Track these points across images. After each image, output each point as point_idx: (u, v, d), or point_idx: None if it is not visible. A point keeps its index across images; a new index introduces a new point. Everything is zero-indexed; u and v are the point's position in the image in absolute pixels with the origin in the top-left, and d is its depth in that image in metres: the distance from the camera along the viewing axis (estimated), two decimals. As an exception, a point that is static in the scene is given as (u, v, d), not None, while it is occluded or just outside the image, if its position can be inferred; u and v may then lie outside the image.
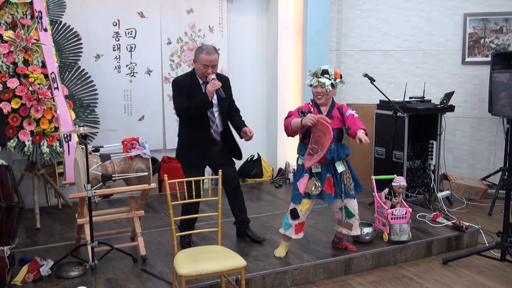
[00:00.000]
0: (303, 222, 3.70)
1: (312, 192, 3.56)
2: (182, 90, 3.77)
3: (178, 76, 4.04)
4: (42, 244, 4.09)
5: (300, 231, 3.70)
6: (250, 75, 6.40)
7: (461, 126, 6.22)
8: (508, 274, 3.80)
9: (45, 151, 4.36)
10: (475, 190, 5.60)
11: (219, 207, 3.14)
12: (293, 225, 3.68)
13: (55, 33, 4.76)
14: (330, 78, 3.53)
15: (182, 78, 3.91)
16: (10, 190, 3.25)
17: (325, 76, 3.53)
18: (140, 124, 5.72)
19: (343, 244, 3.89)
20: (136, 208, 3.83)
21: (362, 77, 5.12)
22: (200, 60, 3.70)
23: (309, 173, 3.58)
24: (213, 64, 3.71)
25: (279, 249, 3.79)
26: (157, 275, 3.43)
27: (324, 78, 3.52)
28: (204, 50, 3.70)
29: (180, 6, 5.80)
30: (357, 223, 3.77)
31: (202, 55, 3.69)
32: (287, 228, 3.71)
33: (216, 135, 3.87)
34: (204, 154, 3.84)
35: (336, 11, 6.34)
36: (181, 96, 3.76)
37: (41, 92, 4.30)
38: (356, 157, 6.34)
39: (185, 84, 3.80)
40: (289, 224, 3.70)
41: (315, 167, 3.56)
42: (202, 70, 3.72)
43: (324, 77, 3.53)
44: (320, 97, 3.56)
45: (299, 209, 3.63)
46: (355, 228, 3.75)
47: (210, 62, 3.69)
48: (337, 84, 3.57)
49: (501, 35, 5.99)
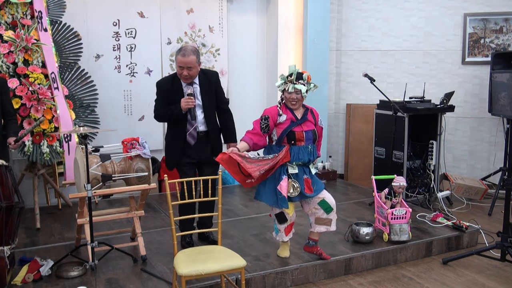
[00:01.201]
0: (292, 223, 3.69)
1: (292, 194, 3.50)
2: (162, 95, 3.80)
3: (161, 79, 3.99)
4: (42, 244, 4.09)
5: (289, 231, 3.70)
6: (250, 75, 6.40)
7: (461, 126, 6.22)
8: (508, 274, 3.80)
9: (45, 151, 4.37)
10: (475, 190, 5.60)
11: (219, 207, 3.13)
12: (281, 229, 3.66)
13: (55, 33, 4.76)
14: (304, 83, 3.48)
15: (164, 82, 3.88)
16: (10, 190, 3.25)
17: (300, 82, 3.45)
18: (140, 124, 5.72)
19: (318, 250, 3.71)
20: (136, 208, 3.83)
21: (362, 77, 5.12)
22: (176, 61, 3.72)
23: (287, 175, 3.52)
24: (188, 66, 3.66)
25: (281, 250, 3.78)
26: (157, 275, 3.43)
27: (300, 85, 3.45)
28: (181, 52, 3.68)
29: (180, 6, 5.80)
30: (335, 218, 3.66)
31: (178, 57, 3.69)
32: (277, 233, 3.70)
33: (191, 138, 3.81)
34: (179, 154, 3.81)
35: (336, 11, 6.34)
36: (159, 100, 3.82)
37: (41, 92, 4.30)
38: (356, 157, 6.36)
39: (166, 89, 3.80)
40: (278, 229, 3.68)
41: (292, 169, 3.52)
42: (179, 71, 3.72)
43: (299, 83, 3.45)
44: (294, 103, 3.51)
45: (286, 212, 3.60)
46: (334, 224, 3.64)
47: (185, 63, 3.65)
48: (311, 89, 3.55)
49: (501, 35, 5.99)
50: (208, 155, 3.88)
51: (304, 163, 3.55)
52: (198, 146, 3.85)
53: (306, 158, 3.52)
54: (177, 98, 3.73)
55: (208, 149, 3.89)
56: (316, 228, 3.65)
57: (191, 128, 3.80)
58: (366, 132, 6.22)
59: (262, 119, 3.53)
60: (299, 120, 3.53)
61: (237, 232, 4.33)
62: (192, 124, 3.79)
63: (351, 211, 4.98)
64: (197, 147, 3.85)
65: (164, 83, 3.86)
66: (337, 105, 6.47)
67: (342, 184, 6.18)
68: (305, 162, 3.54)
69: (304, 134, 3.50)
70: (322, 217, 3.61)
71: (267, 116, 3.52)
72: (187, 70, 3.68)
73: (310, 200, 3.60)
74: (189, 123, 3.79)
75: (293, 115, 3.53)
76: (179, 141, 3.82)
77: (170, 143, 3.90)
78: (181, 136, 3.81)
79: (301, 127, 3.51)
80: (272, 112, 3.54)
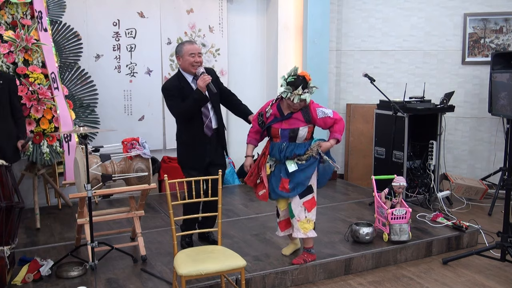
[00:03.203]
0: (287, 219, 3.70)
1: (272, 168, 3.58)
2: (174, 93, 3.76)
3: (166, 82, 3.96)
4: (42, 244, 4.09)
5: (284, 228, 3.73)
6: (250, 75, 6.40)
7: (461, 126, 6.22)
8: (508, 274, 3.80)
9: (45, 151, 4.37)
10: (475, 190, 5.60)
11: (219, 207, 3.13)
12: (277, 223, 3.77)
13: (55, 33, 4.76)
14: (309, 90, 3.40)
15: (171, 82, 3.87)
16: (10, 190, 3.25)
17: (305, 91, 3.36)
18: (140, 124, 5.72)
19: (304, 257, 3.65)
20: (136, 208, 3.83)
21: (362, 77, 5.12)
22: (185, 51, 3.72)
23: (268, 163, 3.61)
24: (198, 52, 3.74)
25: (286, 247, 3.85)
26: (157, 275, 3.43)
27: (305, 94, 3.36)
28: (188, 41, 3.80)
29: (180, 6, 5.80)
30: (296, 226, 3.58)
31: (185, 47, 3.73)
32: (276, 228, 3.80)
33: (207, 130, 3.81)
34: (200, 152, 3.80)
35: (336, 11, 6.34)
36: (174, 99, 3.75)
37: (41, 92, 4.30)
38: (356, 157, 6.36)
39: (175, 86, 3.78)
40: (277, 223, 3.79)
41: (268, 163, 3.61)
42: (190, 60, 3.72)
43: (304, 92, 3.36)
44: (296, 108, 3.46)
45: (278, 206, 3.71)
46: (297, 230, 3.57)
47: (196, 50, 3.73)
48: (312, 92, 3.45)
49: (501, 35, 5.99)
50: (220, 156, 3.92)
51: (276, 160, 3.56)
52: (210, 146, 3.85)
53: (278, 155, 3.51)
54: (188, 92, 3.73)
55: (219, 149, 3.93)
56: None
57: (207, 120, 3.79)
58: (366, 132, 6.22)
59: (259, 115, 3.60)
60: (283, 116, 3.49)
61: (237, 232, 4.33)
62: (206, 115, 3.79)
63: (351, 211, 4.98)
64: (209, 148, 3.85)
65: (171, 82, 3.85)
66: (337, 105, 6.47)
67: (342, 184, 6.18)
68: (277, 158, 3.54)
69: (280, 131, 3.48)
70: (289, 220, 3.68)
71: (261, 112, 3.60)
72: (198, 57, 3.74)
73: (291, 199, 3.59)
74: (204, 115, 3.78)
75: (279, 111, 3.51)
76: (196, 137, 3.79)
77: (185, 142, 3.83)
78: (199, 130, 3.78)
79: (281, 124, 3.48)
80: (264, 107, 3.60)
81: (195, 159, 3.81)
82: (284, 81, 3.42)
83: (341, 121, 3.53)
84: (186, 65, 3.75)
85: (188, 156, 3.84)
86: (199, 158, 3.82)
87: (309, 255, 3.66)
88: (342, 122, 3.53)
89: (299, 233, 3.57)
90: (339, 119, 3.52)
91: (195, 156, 3.81)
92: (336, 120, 3.50)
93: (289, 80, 3.38)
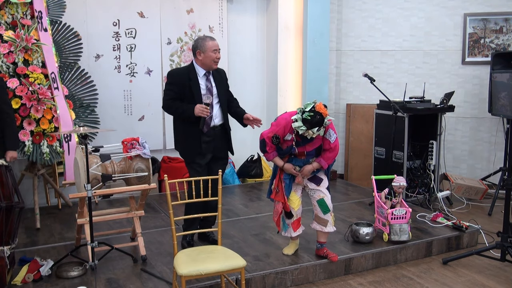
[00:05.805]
0: (299, 218, 3.73)
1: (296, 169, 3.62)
2: (175, 84, 3.77)
3: (174, 69, 3.99)
4: (42, 244, 4.09)
5: (298, 227, 3.74)
6: (250, 75, 6.40)
7: (461, 126, 6.22)
8: (508, 274, 3.80)
9: (45, 151, 4.37)
10: (475, 190, 5.60)
11: (219, 207, 3.13)
12: (289, 224, 3.73)
13: (55, 33, 4.76)
14: (324, 125, 3.36)
15: (178, 71, 3.89)
16: (10, 190, 3.25)
17: (322, 126, 3.35)
18: (140, 124, 5.72)
19: (325, 252, 3.73)
20: (136, 208, 3.83)
21: (362, 77, 5.12)
22: (208, 47, 3.72)
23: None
24: (219, 49, 3.79)
25: (287, 247, 3.84)
26: (157, 275, 3.43)
27: (321, 130, 3.36)
28: (207, 38, 3.79)
29: (180, 6, 5.80)
30: (332, 220, 3.71)
31: (208, 43, 3.73)
32: (286, 228, 3.75)
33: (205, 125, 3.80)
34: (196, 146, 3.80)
35: (336, 11, 6.34)
36: (171, 90, 3.77)
37: (41, 92, 4.30)
38: (356, 157, 6.36)
39: (180, 76, 3.78)
40: (287, 225, 3.74)
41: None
42: (213, 57, 3.73)
43: (319, 130, 3.35)
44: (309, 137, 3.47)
45: (292, 207, 3.67)
46: (330, 225, 3.68)
47: (218, 46, 3.78)
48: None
49: (501, 35, 5.99)
50: (223, 150, 3.94)
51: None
52: (213, 139, 3.84)
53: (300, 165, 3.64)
54: (192, 85, 3.73)
55: (224, 143, 3.94)
56: (313, 225, 3.73)
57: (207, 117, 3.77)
58: (366, 132, 6.22)
59: (273, 138, 3.52)
60: (305, 141, 3.53)
61: (237, 232, 4.33)
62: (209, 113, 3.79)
63: (351, 211, 4.98)
64: (212, 140, 3.84)
65: (179, 72, 3.85)
66: (337, 105, 6.47)
67: (342, 184, 6.18)
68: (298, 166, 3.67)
69: (306, 152, 3.59)
70: (319, 215, 3.67)
71: (277, 136, 3.52)
72: (219, 53, 3.77)
73: (312, 193, 3.66)
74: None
75: (300, 137, 3.50)
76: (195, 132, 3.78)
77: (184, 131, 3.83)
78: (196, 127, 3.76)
79: (304, 147, 3.56)
80: (280, 132, 3.51)
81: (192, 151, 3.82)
82: (299, 117, 3.35)
83: (335, 151, 3.59)
84: (208, 61, 3.75)
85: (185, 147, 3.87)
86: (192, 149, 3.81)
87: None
88: (336, 152, 3.60)
89: (330, 227, 3.68)
90: (335, 148, 3.57)
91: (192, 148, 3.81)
92: (332, 148, 3.56)
93: (305, 117, 3.32)
